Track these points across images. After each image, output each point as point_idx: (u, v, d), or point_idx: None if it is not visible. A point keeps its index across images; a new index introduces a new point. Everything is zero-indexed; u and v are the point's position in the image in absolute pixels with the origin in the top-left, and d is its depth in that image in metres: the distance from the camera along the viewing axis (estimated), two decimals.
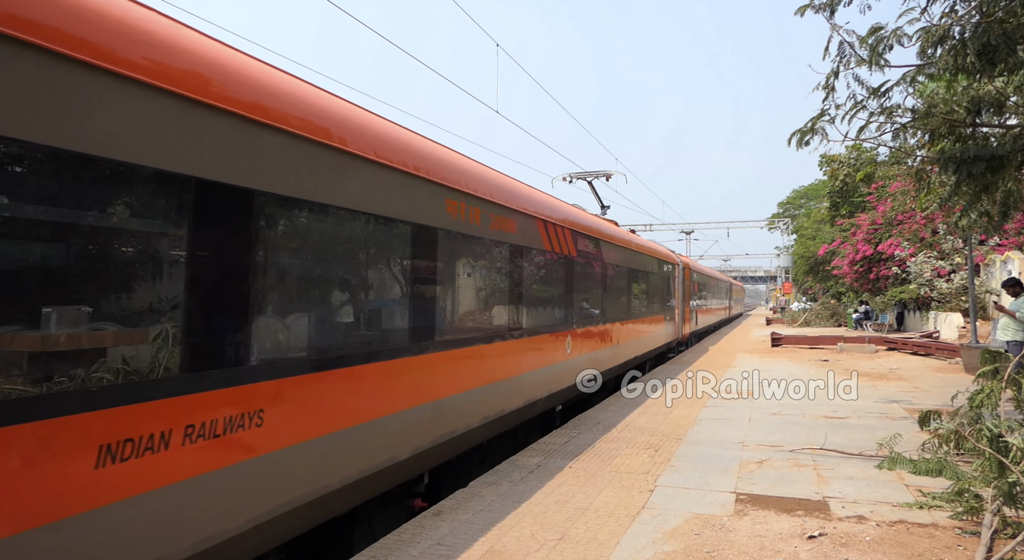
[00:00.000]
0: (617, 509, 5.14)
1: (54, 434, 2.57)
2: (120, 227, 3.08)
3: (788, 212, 63.45)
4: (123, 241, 3.16)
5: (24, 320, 2.65)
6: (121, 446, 2.80)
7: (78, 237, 2.94)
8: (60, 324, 2.73)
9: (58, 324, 2.72)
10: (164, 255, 3.30)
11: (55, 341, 2.71)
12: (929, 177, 8.84)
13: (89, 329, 2.85)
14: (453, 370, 5.89)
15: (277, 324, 3.92)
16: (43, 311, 2.68)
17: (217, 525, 3.32)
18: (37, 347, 2.66)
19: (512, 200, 7.38)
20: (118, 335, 3.00)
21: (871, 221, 29.01)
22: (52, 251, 2.89)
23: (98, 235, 3.03)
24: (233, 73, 3.59)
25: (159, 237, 3.26)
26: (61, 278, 2.86)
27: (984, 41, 5.99)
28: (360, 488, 4.49)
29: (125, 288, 3.12)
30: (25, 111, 2.50)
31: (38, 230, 2.79)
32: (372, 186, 4.71)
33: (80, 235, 2.95)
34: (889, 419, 8.82)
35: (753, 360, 17.14)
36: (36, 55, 2.53)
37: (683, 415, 9.11)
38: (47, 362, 2.67)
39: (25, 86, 2.51)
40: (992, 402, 5.69)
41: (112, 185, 2.98)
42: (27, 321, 2.65)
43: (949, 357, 16.38)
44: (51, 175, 2.74)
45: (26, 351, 2.63)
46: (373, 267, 5.10)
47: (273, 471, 3.66)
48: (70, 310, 2.77)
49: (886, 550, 4.28)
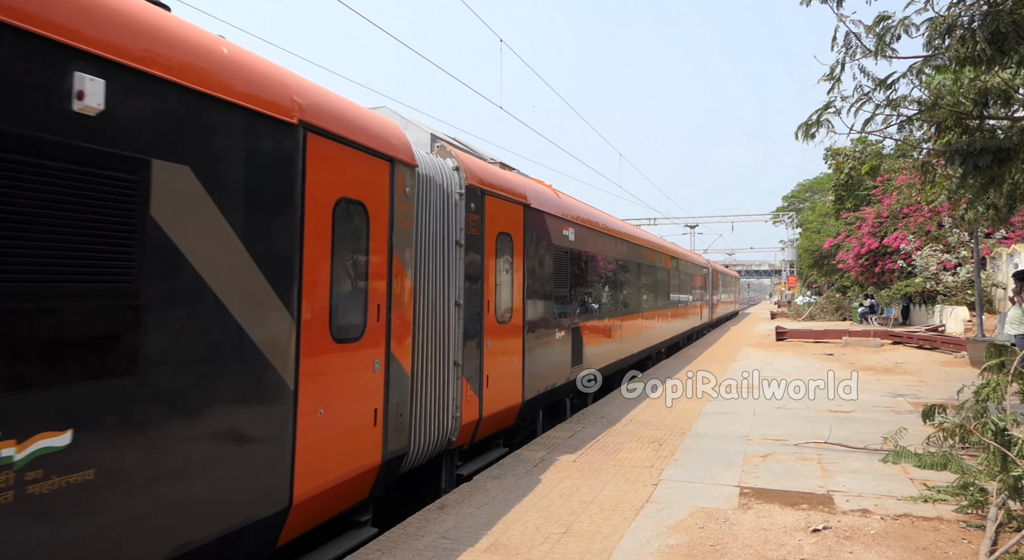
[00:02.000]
0: (621, 503, 5.15)
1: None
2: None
3: (793, 206, 63.16)
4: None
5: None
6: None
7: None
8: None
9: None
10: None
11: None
12: (935, 170, 8.77)
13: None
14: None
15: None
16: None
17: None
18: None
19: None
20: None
21: (876, 214, 28.85)
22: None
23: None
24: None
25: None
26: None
27: (994, 29, 5.94)
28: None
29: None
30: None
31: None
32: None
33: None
34: (894, 413, 8.79)
35: (758, 354, 17.11)
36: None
37: (687, 409, 9.10)
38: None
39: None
40: (998, 396, 5.67)
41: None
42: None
43: (955, 351, 16.31)
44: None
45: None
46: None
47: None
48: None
49: (891, 543, 4.27)
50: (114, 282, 2.76)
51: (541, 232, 8.02)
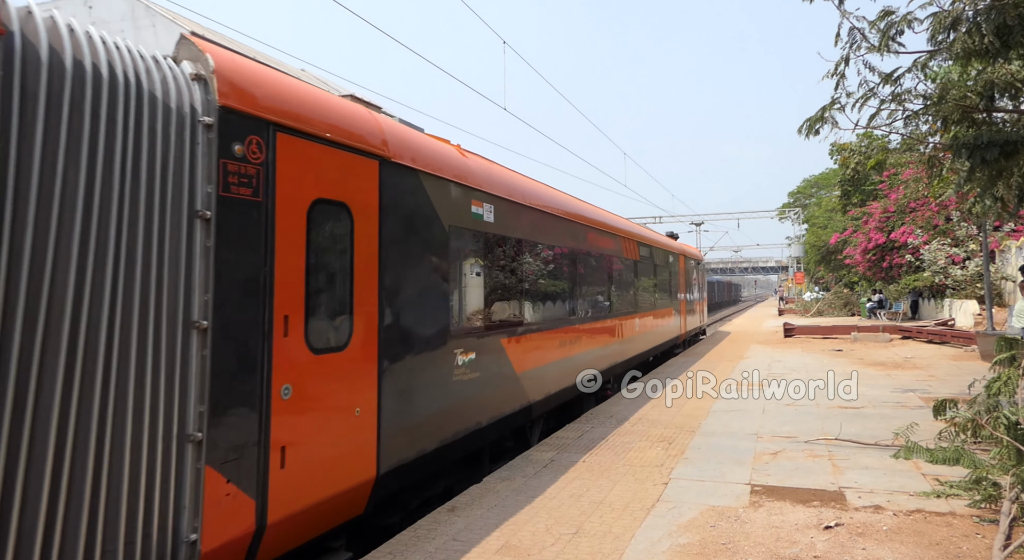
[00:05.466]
0: (632, 502, 5.15)
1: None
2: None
3: (799, 201, 62.92)
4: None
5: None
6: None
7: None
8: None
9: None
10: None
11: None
12: (942, 164, 8.73)
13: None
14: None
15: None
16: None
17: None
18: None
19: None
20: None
21: (883, 209, 28.72)
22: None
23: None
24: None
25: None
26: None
27: (1000, 22, 5.92)
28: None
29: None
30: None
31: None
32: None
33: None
34: (904, 408, 8.75)
35: (766, 351, 17.06)
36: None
37: (696, 407, 9.09)
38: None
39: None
40: (1009, 389, 5.64)
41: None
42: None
43: (965, 345, 16.21)
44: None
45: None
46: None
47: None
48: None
49: (904, 539, 4.25)
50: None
51: (422, 205, 5.35)
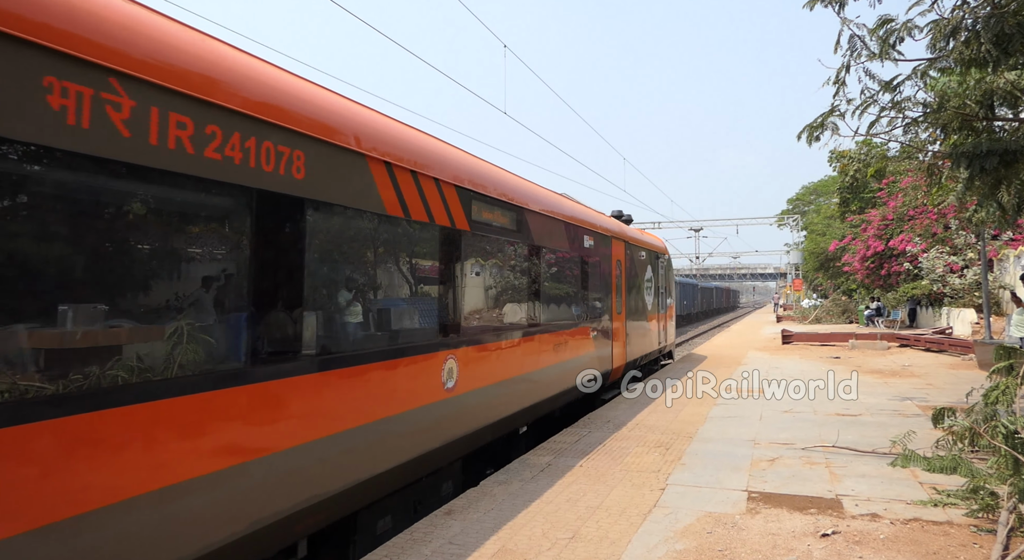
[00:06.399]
0: (628, 507, 5.13)
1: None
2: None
3: (798, 208, 63.02)
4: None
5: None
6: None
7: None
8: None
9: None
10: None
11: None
12: (941, 172, 8.74)
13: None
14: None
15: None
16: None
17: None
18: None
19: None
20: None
21: (882, 217, 28.76)
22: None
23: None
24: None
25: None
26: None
27: (998, 30, 5.93)
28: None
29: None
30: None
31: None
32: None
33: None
34: (902, 416, 8.74)
35: (764, 357, 17.05)
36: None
37: (694, 413, 9.07)
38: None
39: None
40: (1007, 398, 5.63)
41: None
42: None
43: (962, 353, 16.22)
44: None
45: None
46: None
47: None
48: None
49: (900, 548, 4.24)
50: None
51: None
